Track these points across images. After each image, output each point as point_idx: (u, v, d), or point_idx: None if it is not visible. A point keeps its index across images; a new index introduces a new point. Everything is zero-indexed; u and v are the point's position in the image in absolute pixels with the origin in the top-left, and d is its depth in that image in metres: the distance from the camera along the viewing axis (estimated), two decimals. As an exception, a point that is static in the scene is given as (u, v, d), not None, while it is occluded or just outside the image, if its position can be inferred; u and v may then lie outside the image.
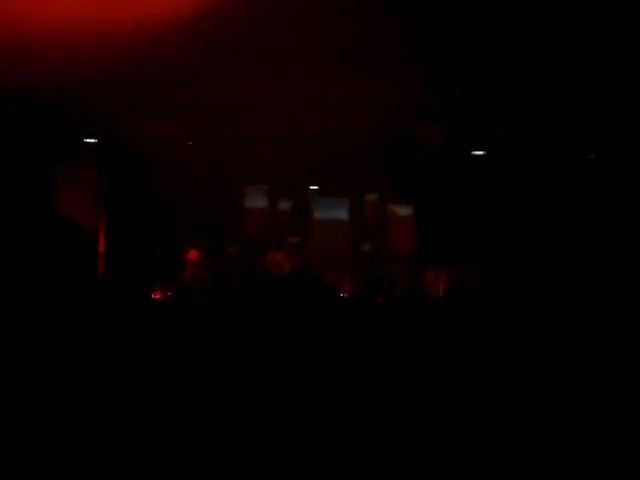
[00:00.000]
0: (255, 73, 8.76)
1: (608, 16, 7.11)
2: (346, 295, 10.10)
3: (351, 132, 10.67)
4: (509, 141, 10.03)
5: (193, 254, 11.04)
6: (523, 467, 3.17)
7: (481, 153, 10.93)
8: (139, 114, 9.92)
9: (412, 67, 8.64)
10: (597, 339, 3.82)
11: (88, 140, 10.62)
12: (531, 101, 9.10)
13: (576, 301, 4.30)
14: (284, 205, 12.32)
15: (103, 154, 10.57)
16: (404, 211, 12.27)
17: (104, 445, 3.05)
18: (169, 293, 10.07)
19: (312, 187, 12.23)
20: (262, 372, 3.47)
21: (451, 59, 8.33)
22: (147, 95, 9.16)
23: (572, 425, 3.27)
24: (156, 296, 9.43)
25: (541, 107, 9.17)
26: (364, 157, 11.10)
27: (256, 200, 12.29)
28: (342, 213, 12.39)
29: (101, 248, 10.34)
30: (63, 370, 3.22)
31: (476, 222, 10.62)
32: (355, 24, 7.74)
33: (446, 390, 3.60)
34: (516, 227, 10.07)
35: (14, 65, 7.45)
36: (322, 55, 8.32)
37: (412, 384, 3.69)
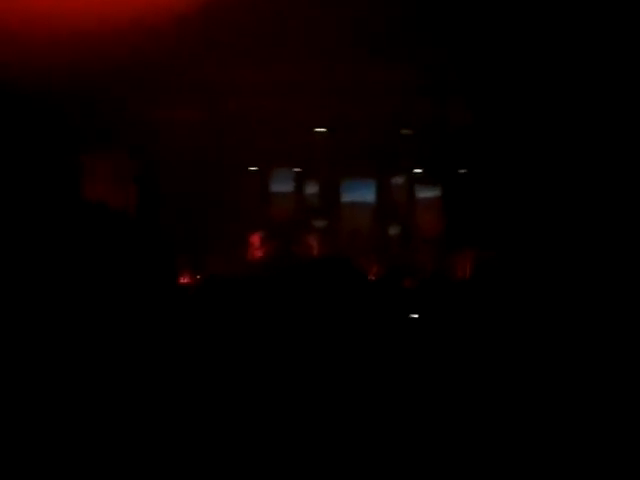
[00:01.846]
0: (279, 57, 8.77)
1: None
2: (374, 278, 10.11)
3: (378, 114, 10.65)
4: (536, 123, 9.96)
5: (255, 238, 11.12)
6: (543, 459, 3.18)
7: (509, 135, 10.86)
8: (163, 102, 9.97)
9: (439, 48, 8.61)
10: (624, 327, 3.81)
11: (113, 128, 10.68)
12: (559, 82, 9.03)
13: (607, 289, 4.28)
14: (311, 189, 12.32)
15: (129, 142, 10.63)
16: (432, 193, 12.23)
17: (121, 431, 3.09)
18: (198, 277, 10.13)
19: (339, 169, 12.22)
20: (292, 355, 3.50)
21: (476, 39, 8.28)
22: (169, 82, 9.21)
23: (593, 416, 3.27)
24: (184, 280, 9.50)
25: (570, 89, 9.09)
26: (391, 139, 11.08)
27: (283, 184, 12.30)
28: (369, 196, 12.38)
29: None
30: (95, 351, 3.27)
31: (504, 204, 10.57)
32: (374, 5, 7.71)
33: (475, 373, 3.61)
34: (545, 210, 10.01)
35: (32, 57, 7.52)
36: (346, 38, 8.31)
37: (440, 366, 3.70)
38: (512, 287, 4.25)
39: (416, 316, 4.45)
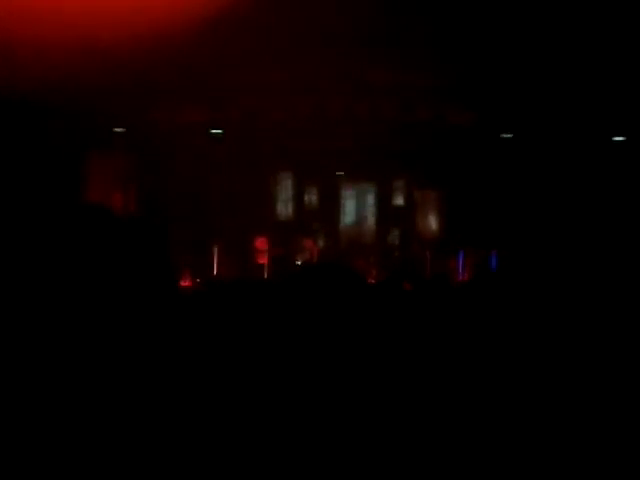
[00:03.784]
0: (281, 60, 8.79)
1: None
2: (374, 281, 10.12)
3: (378, 117, 10.67)
4: (537, 124, 9.98)
5: (261, 243, 11.16)
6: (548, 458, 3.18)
7: (509, 136, 10.88)
8: (167, 104, 10.00)
9: (439, 50, 8.63)
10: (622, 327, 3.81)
11: (117, 130, 10.71)
12: (558, 84, 9.04)
13: (610, 291, 4.29)
14: (311, 192, 12.33)
15: (132, 143, 10.65)
16: (431, 196, 12.24)
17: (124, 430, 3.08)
18: (198, 280, 10.15)
19: (339, 173, 12.22)
20: (291, 359, 3.50)
21: (478, 42, 8.30)
22: (174, 85, 9.23)
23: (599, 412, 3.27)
24: (185, 283, 9.52)
25: (568, 90, 9.11)
26: (391, 142, 11.10)
27: (284, 187, 12.31)
28: (369, 198, 12.39)
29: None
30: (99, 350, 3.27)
31: (503, 206, 10.59)
32: (382, 8, 7.74)
33: (475, 374, 3.61)
34: (545, 212, 10.02)
35: (35, 59, 7.55)
36: (350, 40, 8.33)
37: (440, 369, 3.70)
38: (513, 288, 4.26)
39: (416, 318, 4.45)
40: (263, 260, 11.09)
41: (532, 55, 8.59)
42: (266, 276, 10.97)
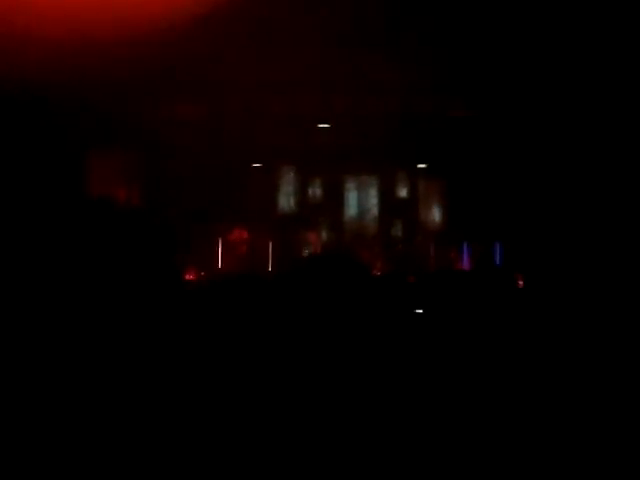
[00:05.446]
0: (285, 55, 8.79)
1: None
2: (378, 273, 10.14)
3: (380, 110, 10.67)
4: (539, 118, 9.97)
5: (238, 234, 11.16)
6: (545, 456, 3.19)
7: (511, 130, 10.87)
8: (167, 99, 10.00)
9: (440, 46, 8.63)
10: (622, 325, 3.82)
11: (118, 124, 10.71)
12: (558, 77, 9.04)
13: (608, 285, 4.29)
14: (315, 184, 12.33)
15: (133, 138, 10.66)
16: (434, 189, 12.24)
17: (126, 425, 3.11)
18: (202, 273, 10.18)
19: (343, 166, 12.23)
20: (297, 350, 3.52)
21: (478, 38, 8.30)
22: (175, 80, 9.24)
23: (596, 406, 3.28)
24: (190, 277, 9.55)
25: (569, 83, 9.10)
26: (395, 135, 11.09)
27: (287, 181, 12.32)
28: (373, 191, 12.39)
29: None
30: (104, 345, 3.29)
31: (507, 199, 10.59)
32: (384, 6, 7.75)
33: (478, 366, 3.63)
34: (548, 204, 10.02)
35: (36, 57, 7.56)
36: (353, 36, 8.34)
37: (444, 361, 3.72)
38: (514, 281, 4.27)
39: (420, 311, 4.47)
40: (267, 253, 11.13)
41: (532, 50, 8.59)
42: (270, 269, 11.00)
